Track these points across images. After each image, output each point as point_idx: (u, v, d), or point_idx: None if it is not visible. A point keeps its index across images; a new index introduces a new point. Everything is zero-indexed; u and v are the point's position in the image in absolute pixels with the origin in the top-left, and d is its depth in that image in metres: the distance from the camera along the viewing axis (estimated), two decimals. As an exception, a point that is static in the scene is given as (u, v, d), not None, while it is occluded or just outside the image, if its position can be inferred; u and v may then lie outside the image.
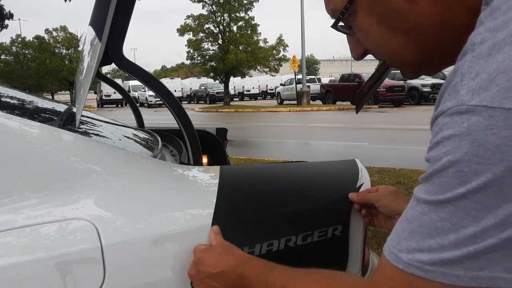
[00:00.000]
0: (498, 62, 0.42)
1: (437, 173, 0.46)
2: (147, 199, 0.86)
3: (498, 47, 0.43)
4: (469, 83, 0.44)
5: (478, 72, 0.43)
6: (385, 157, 6.41)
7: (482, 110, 0.42)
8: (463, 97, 0.44)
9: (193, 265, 0.79)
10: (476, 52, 0.45)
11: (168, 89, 1.19)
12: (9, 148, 0.81)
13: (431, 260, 0.47)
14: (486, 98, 0.42)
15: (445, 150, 0.45)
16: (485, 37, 0.45)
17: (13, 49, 37.96)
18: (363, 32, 0.61)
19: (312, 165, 1.15)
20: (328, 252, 0.92)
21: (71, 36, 36.36)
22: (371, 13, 0.58)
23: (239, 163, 6.03)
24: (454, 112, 0.44)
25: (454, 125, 0.44)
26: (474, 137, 0.42)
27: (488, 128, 0.42)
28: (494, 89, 0.42)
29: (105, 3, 1.00)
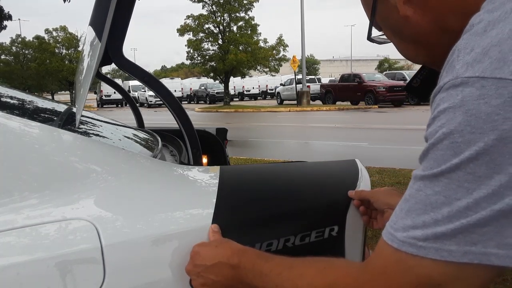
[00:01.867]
0: (492, 36, 0.44)
1: (433, 147, 0.47)
2: (147, 199, 0.86)
3: (493, 24, 0.45)
4: (465, 57, 0.46)
5: (473, 47, 0.45)
6: (385, 157, 6.41)
7: (475, 81, 0.43)
8: (458, 71, 0.45)
9: (190, 261, 0.79)
10: (473, 30, 0.47)
11: (168, 89, 1.19)
12: (9, 148, 0.81)
13: (424, 235, 0.47)
14: (479, 70, 0.43)
15: (440, 124, 0.46)
16: (483, 17, 0.47)
17: (13, 49, 37.96)
18: (390, 40, 0.69)
19: (312, 165, 1.15)
20: (325, 252, 0.92)
21: (71, 36, 36.35)
22: (386, 28, 0.67)
23: (239, 163, 6.03)
24: (450, 86, 0.46)
25: (450, 98, 0.45)
26: (467, 108, 0.43)
27: (480, 97, 0.43)
28: (487, 61, 0.43)
29: (105, 3, 1.00)
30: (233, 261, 0.74)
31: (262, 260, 0.72)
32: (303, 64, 22.50)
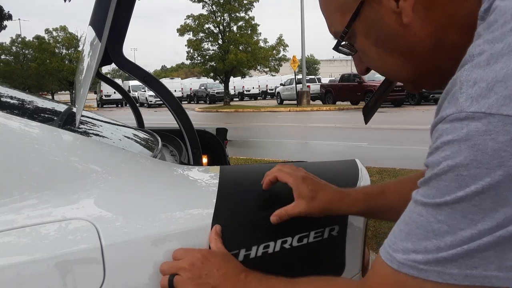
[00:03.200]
0: (496, 71, 0.44)
1: (436, 177, 0.47)
2: (147, 199, 0.86)
3: (496, 57, 0.45)
4: (468, 90, 0.45)
5: (476, 80, 0.45)
6: (385, 157, 6.41)
7: (481, 116, 0.43)
8: (463, 104, 0.45)
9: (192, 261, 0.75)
10: (474, 62, 0.46)
11: (168, 89, 1.19)
12: (9, 148, 0.81)
13: (426, 259, 0.47)
14: (485, 105, 0.43)
15: (445, 155, 0.46)
16: (484, 48, 0.47)
17: (13, 49, 37.99)
18: (363, 52, 0.65)
19: (312, 165, 1.15)
20: (325, 253, 0.92)
21: (71, 36, 36.38)
22: (368, 36, 0.62)
23: (239, 163, 6.03)
24: (454, 118, 0.45)
25: (454, 131, 0.45)
26: (473, 142, 0.43)
27: (486, 133, 0.43)
28: (493, 97, 0.43)
29: (105, 3, 1.00)
30: (240, 276, 0.75)
31: (267, 278, 0.74)
32: (303, 64, 22.50)
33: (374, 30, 0.61)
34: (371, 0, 0.59)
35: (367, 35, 0.62)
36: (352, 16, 0.61)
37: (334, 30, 0.66)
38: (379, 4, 0.58)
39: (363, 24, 0.61)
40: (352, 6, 0.61)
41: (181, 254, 0.77)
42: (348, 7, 0.61)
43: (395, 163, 5.68)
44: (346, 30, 0.62)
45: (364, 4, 0.59)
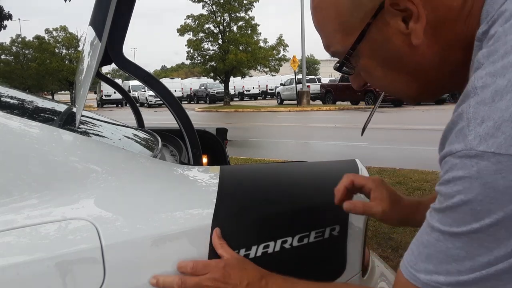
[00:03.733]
0: (502, 109, 0.46)
1: (451, 208, 0.50)
2: (147, 199, 0.86)
3: (501, 94, 0.47)
4: (476, 128, 0.47)
5: (484, 118, 0.47)
6: (385, 157, 6.41)
7: (491, 156, 0.46)
8: (471, 142, 0.47)
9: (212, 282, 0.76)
10: (479, 98, 0.48)
11: (168, 89, 1.19)
12: (9, 148, 0.81)
13: (448, 281, 0.51)
14: (494, 145, 0.45)
15: (457, 189, 0.49)
16: (486, 81, 0.48)
17: (13, 49, 37.97)
18: (367, 72, 0.66)
19: (312, 165, 1.15)
20: (325, 253, 0.92)
21: (71, 36, 36.39)
22: (374, 57, 0.63)
23: (239, 163, 6.03)
24: (464, 155, 0.48)
25: (464, 168, 0.48)
26: (485, 180, 0.46)
27: (497, 172, 0.45)
28: (501, 137, 0.45)
29: (105, 3, 1.00)
30: (261, 283, 0.76)
31: (289, 283, 0.76)
32: (303, 64, 22.50)
33: (380, 51, 0.61)
34: (378, 22, 0.59)
35: (372, 56, 0.62)
36: (357, 38, 0.61)
37: (334, 50, 0.66)
38: (386, 25, 0.59)
39: (368, 45, 0.61)
40: (357, 28, 0.60)
41: (201, 269, 0.77)
42: (352, 28, 0.61)
43: (395, 163, 5.68)
44: (351, 52, 0.62)
45: (370, 25, 0.59)
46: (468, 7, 0.56)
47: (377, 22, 0.59)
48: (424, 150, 6.87)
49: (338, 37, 0.63)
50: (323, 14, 0.63)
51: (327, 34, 0.65)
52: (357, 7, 0.59)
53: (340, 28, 0.62)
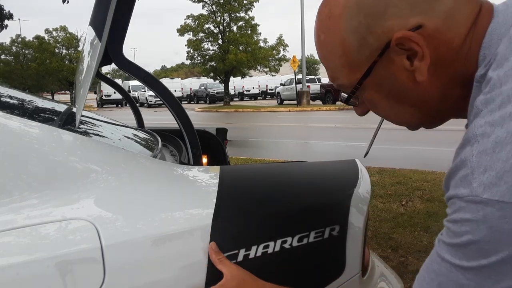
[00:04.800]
0: (503, 160, 0.50)
1: (460, 246, 0.54)
2: (147, 199, 0.86)
3: (501, 145, 0.51)
4: (480, 177, 0.52)
5: (486, 168, 0.51)
6: (385, 157, 6.40)
7: (495, 203, 0.50)
8: (477, 190, 0.52)
9: None
10: (481, 147, 0.53)
11: (168, 89, 1.19)
12: (9, 148, 0.81)
13: None
14: (498, 193, 0.50)
15: (465, 230, 0.53)
16: (486, 130, 0.53)
17: (13, 49, 37.94)
18: (372, 103, 0.69)
19: (312, 165, 1.15)
20: (325, 253, 0.92)
21: (71, 36, 36.38)
22: (379, 90, 0.66)
23: (239, 163, 6.03)
24: (469, 200, 0.52)
25: (471, 211, 0.52)
26: (491, 224, 0.51)
27: (501, 217, 0.50)
28: (503, 186, 0.50)
29: (105, 3, 1.00)
30: None
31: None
32: (303, 64, 22.50)
33: (385, 85, 0.65)
34: (383, 59, 0.62)
35: (377, 89, 0.66)
36: (364, 74, 0.64)
37: (340, 83, 0.68)
38: (391, 62, 0.62)
39: (374, 80, 0.64)
40: (363, 64, 0.63)
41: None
42: (358, 65, 0.64)
43: (395, 163, 5.68)
44: (357, 86, 0.66)
45: (376, 63, 0.62)
46: (466, 48, 0.60)
47: (382, 60, 0.62)
48: (424, 150, 6.87)
49: (344, 72, 0.66)
50: (329, 51, 0.66)
51: (333, 68, 0.68)
52: (364, 46, 0.62)
53: (346, 64, 0.65)
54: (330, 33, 0.64)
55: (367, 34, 0.61)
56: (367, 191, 1.06)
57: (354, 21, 0.61)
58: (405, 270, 2.65)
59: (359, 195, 1.00)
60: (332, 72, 0.69)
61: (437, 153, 6.37)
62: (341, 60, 0.65)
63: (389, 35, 0.60)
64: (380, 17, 0.60)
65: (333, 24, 0.64)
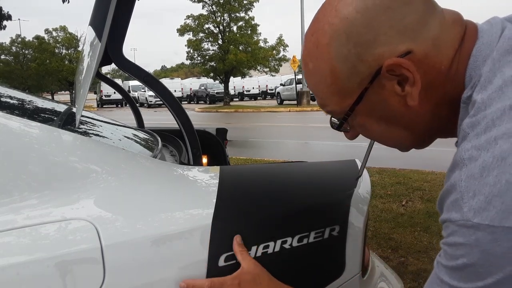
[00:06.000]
0: (490, 185, 0.52)
1: (457, 268, 0.56)
2: (147, 199, 0.86)
3: (487, 170, 0.52)
4: (469, 202, 0.53)
5: (475, 192, 0.53)
6: (385, 157, 6.40)
7: (486, 227, 0.51)
8: (467, 214, 0.53)
9: None
10: (469, 172, 0.54)
11: (168, 89, 1.19)
12: (9, 148, 0.81)
13: None
14: (488, 218, 0.51)
15: (460, 253, 0.55)
16: (472, 154, 0.54)
17: (13, 49, 37.92)
18: (364, 128, 0.70)
19: (312, 165, 1.15)
20: (325, 253, 0.92)
21: (71, 36, 36.37)
22: (371, 115, 0.67)
23: (239, 163, 6.03)
24: (461, 224, 0.54)
25: (464, 236, 0.54)
26: (483, 248, 0.52)
27: (493, 241, 0.51)
28: (493, 211, 0.51)
29: (105, 3, 1.00)
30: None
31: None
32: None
33: (376, 110, 0.66)
34: (374, 86, 0.62)
35: (370, 114, 0.67)
36: (355, 101, 0.65)
37: (330, 109, 0.69)
38: (382, 88, 0.63)
39: (366, 105, 0.65)
40: (354, 91, 0.64)
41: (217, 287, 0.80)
42: (349, 92, 0.64)
43: (395, 163, 5.68)
44: (349, 113, 0.66)
45: (367, 89, 0.63)
46: (454, 70, 0.62)
47: (373, 86, 0.63)
48: (424, 150, 6.85)
49: (334, 100, 0.67)
50: (319, 79, 0.66)
51: (323, 96, 0.68)
52: (354, 73, 0.63)
53: (337, 92, 0.65)
54: (319, 62, 0.64)
55: (357, 62, 0.62)
56: (367, 191, 1.06)
57: (344, 50, 0.62)
58: (405, 270, 2.65)
59: (359, 195, 1.00)
60: (322, 99, 0.69)
61: (437, 153, 6.35)
62: (331, 88, 0.65)
63: (380, 62, 0.60)
64: (370, 45, 0.60)
65: (321, 53, 0.64)
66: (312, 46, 0.65)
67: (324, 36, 0.63)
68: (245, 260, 0.81)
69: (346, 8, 0.61)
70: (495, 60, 0.58)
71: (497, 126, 0.54)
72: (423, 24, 0.60)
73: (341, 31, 0.61)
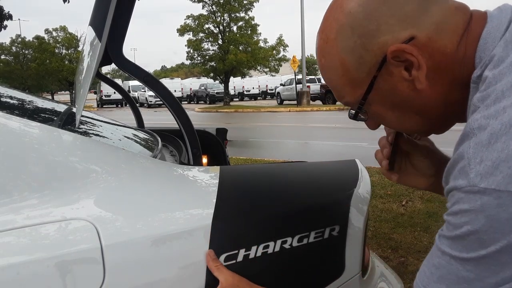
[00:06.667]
0: (498, 151, 0.52)
1: (460, 237, 0.56)
2: (147, 199, 0.86)
3: (496, 137, 0.53)
4: (476, 167, 0.54)
5: (482, 158, 0.53)
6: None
7: (492, 192, 0.52)
8: (474, 180, 0.53)
9: None
10: (478, 139, 0.55)
11: (168, 89, 1.19)
12: (9, 148, 0.81)
13: None
14: (494, 183, 0.52)
15: (464, 220, 0.55)
16: (482, 123, 0.55)
17: (13, 49, 37.95)
18: (380, 116, 0.72)
19: (312, 165, 1.15)
20: (325, 253, 0.92)
21: (71, 36, 36.37)
22: (383, 103, 0.69)
23: (239, 163, 6.03)
24: (467, 191, 0.54)
25: (469, 201, 0.54)
26: (488, 213, 0.52)
27: (499, 206, 0.52)
28: (499, 175, 0.52)
29: (105, 3, 1.00)
30: None
31: None
32: (303, 64, 22.49)
33: (388, 98, 0.68)
34: (382, 73, 0.65)
35: (382, 103, 0.69)
36: (366, 89, 0.67)
37: (346, 100, 0.72)
38: (391, 75, 0.65)
39: (377, 94, 0.67)
40: (364, 80, 0.67)
41: None
42: (360, 82, 0.67)
43: (395, 163, 5.68)
44: (363, 102, 0.69)
45: (376, 77, 0.66)
46: (462, 52, 0.63)
47: (382, 74, 0.65)
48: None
49: (348, 90, 0.70)
50: (331, 73, 0.70)
51: (338, 88, 0.71)
52: (362, 63, 0.66)
53: (349, 83, 0.69)
54: (329, 56, 0.68)
55: (363, 52, 0.65)
56: (367, 191, 1.06)
57: (350, 42, 0.65)
58: (405, 270, 2.65)
59: (359, 195, 1.00)
60: (337, 91, 0.72)
61: (437, 153, 6.34)
62: (343, 79, 0.69)
63: (384, 49, 0.63)
64: (374, 35, 0.63)
65: (330, 47, 0.67)
66: (322, 42, 0.69)
67: (331, 32, 0.67)
68: (222, 274, 0.82)
69: (349, 3, 0.65)
70: (508, 41, 0.59)
71: (507, 96, 0.55)
72: (423, 10, 0.63)
73: (346, 25, 0.65)
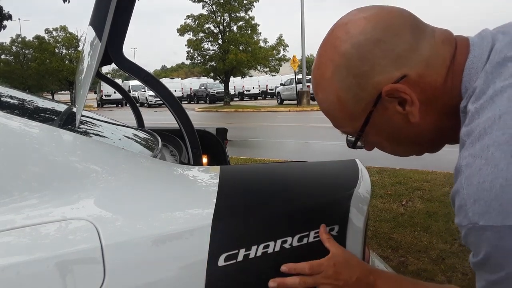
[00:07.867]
0: (487, 190, 0.57)
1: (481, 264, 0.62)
2: (147, 199, 0.86)
3: (483, 176, 0.58)
4: (472, 207, 0.59)
5: (475, 198, 0.59)
6: (385, 157, 6.40)
7: (491, 227, 0.58)
8: (473, 218, 0.59)
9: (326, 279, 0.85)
10: (468, 180, 0.60)
11: (168, 89, 1.19)
12: (9, 148, 0.81)
13: None
14: (490, 220, 0.57)
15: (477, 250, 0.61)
16: (469, 161, 0.60)
17: (13, 49, 37.94)
18: (377, 144, 0.78)
19: (312, 165, 1.15)
20: (325, 253, 0.92)
21: (71, 36, 36.38)
22: (380, 134, 0.74)
23: (239, 163, 6.04)
24: (470, 228, 0.60)
25: (475, 236, 0.60)
26: (495, 243, 0.58)
27: (500, 238, 0.57)
28: (493, 213, 0.57)
29: (105, 3, 1.00)
30: (369, 279, 0.86)
31: (392, 281, 0.88)
32: (303, 64, 22.48)
33: (384, 129, 0.73)
34: (378, 108, 0.70)
35: (379, 133, 0.74)
36: (363, 123, 0.72)
37: (345, 131, 0.78)
38: (386, 110, 0.70)
39: (373, 126, 0.72)
40: (361, 115, 0.71)
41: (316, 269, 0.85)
42: (357, 116, 0.72)
43: (395, 163, 5.67)
44: (360, 133, 0.74)
45: (372, 112, 0.70)
46: (449, 83, 0.67)
47: (377, 109, 0.70)
48: (424, 150, 6.84)
49: (346, 123, 0.75)
50: (328, 106, 0.74)
51: (336, 120, 0.76)
52: (358, 100, 0.70)
53: (346, 116, 0.73)
54: (326, 92, 0.73)
55: (359, 91, 0.69)
56: (367, 191, 1.05)
57: (346, 82, 0.69)
58: (405, 270, 2.65)
59: (359, 195, 1.00)
60: (335, 122, 0.77)
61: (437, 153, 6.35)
62: (341, 113, 0.73)
63: (379, 88, 0.68)
64: (368, 75, 0.68)
65: (327, 84, 0.72)
66: (319, 78, 0.73)
67: (327, 70, 0.71)
68: (333, 246, 0.87)
69: (343, 45, 0.69)
70: (488, 72, 0.63)
71: (489, 134, 0.59)
72: (414, 50, 0.67)
73: (341, 66, 0.69)
